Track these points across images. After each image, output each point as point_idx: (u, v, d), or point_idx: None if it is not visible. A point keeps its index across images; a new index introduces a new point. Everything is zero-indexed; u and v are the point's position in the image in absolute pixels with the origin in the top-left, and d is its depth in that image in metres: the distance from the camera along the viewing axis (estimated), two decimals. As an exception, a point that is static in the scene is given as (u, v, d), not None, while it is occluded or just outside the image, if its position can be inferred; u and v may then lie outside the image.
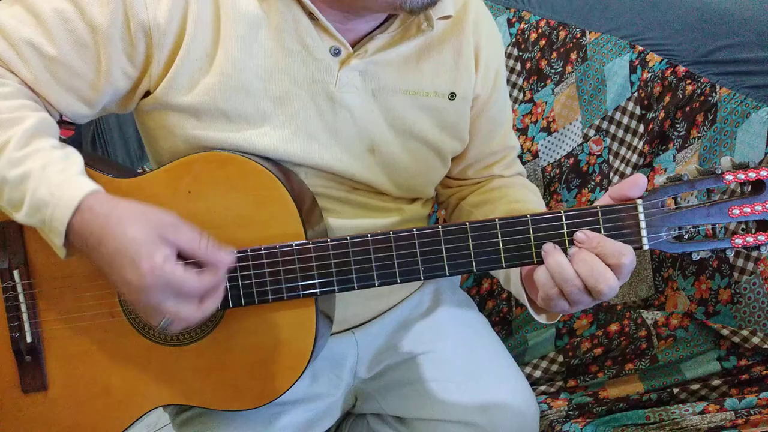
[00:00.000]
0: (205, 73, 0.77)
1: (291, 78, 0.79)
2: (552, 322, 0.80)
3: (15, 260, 0.78)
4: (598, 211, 0.70)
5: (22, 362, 0.79)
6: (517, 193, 0.95)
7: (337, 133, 0.83)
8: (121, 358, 0.79)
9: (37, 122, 0.71)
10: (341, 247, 0.74)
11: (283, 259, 0.74)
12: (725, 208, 0.69)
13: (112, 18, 0.73)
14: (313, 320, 0.76)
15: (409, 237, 0.73)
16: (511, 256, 0.72)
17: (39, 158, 0.69)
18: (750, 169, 0.67)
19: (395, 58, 0.83)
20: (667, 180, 0.69)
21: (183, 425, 0.88)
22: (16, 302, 0.78)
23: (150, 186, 0.77)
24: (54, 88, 0.75)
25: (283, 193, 0.75)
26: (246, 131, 0.79)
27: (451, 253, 0.73)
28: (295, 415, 0.89)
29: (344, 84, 0.81)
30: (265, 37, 0.78)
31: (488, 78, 0.92)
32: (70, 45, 0.73)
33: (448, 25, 0.86)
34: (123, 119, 1.97)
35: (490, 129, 0.96)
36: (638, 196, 0.69)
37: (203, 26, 0.76)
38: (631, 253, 0.68)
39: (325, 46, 0.79)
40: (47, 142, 0.71)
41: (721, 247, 0.70)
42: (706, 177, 0.68)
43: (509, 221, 0.71)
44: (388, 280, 0.74)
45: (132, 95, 0.80)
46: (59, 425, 0.80)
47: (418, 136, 0.88)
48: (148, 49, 0.75)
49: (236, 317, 0.78)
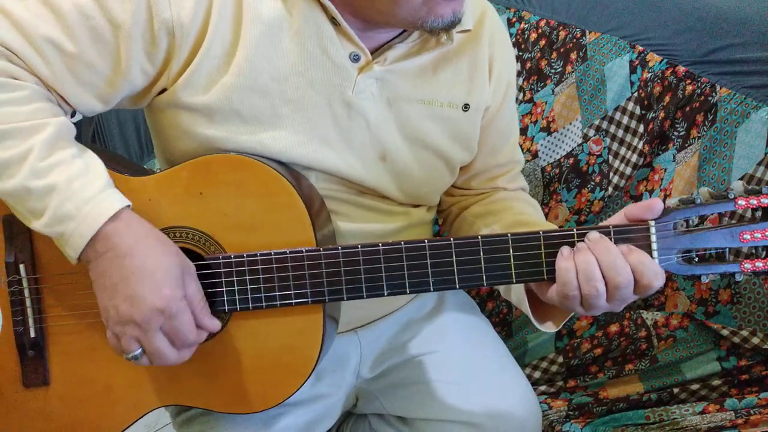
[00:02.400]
0: (223, 72, 0.77)
1: (308, 81, 0.79)
2: (555, 330, 0.80)
3: (21, 255, 0.77)
4: (611, 231, 0.70)
5: (24, 357, 0.78)
6: (521, 207, 0.95)
7: (350, 138, 0.83)
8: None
9: (57, 130, 0.71)
10: (352, 255, 0.74)
11: (293, 264, 0.74)
12: (737, 233, 0.69)
13: (135, 16, 0.72)
14: (320, 326, 0.76)
15: (421, 248, 0.73)
16: (522, 273, 0.72)
17: (62, 170, 0.69)
18: (762, 195, 0.68)
19: (413, 68, 0.83)
20: (680, 202, 0.70)
21: (184, 425, 0.88)
22: (21, 297, 0.78)
23: (161, 185, 0.77)
24: (71, 85, 0.74)
25: (296, 199, 0.75)
26: (259, 133, 0.79)
27: (462, 267, 0.73)
28: (296, 416, 0.89)
29: (361, 90, 0.81)
30: (286, 40, 0.77)
31: (499, 90, 0.92)
32: (91, 42, 0.72)
33: (465, 37, 0.86)
34: (123, 118, 1.97)
35: (497, 141, 0.96)
36: (652, 218, 0.70)
37: (224, 26, 0.76)
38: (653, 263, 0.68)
39: (345, 51, 0.79)
40: (68, 151, 0.71)
41: (730, 271, 0.70)
42: (719, 201, 0.69)
43: (522, 236, 0.71)
44: (398, 291, 0.74)
45: (147, 92, 0.79)
46: (59, 421, 0.80)
47: (430, 146, 0.88)
48: (170, 47, 0.75)
49: (243, 320, 0.77)
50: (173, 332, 0.70)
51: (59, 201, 0.68)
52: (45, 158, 0.69)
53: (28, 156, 0.68)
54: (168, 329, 0.70)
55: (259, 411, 0.79)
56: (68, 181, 0.68)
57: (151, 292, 0.68)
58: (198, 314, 0.72)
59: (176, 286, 0.69)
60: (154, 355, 0.70)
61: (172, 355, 0.71)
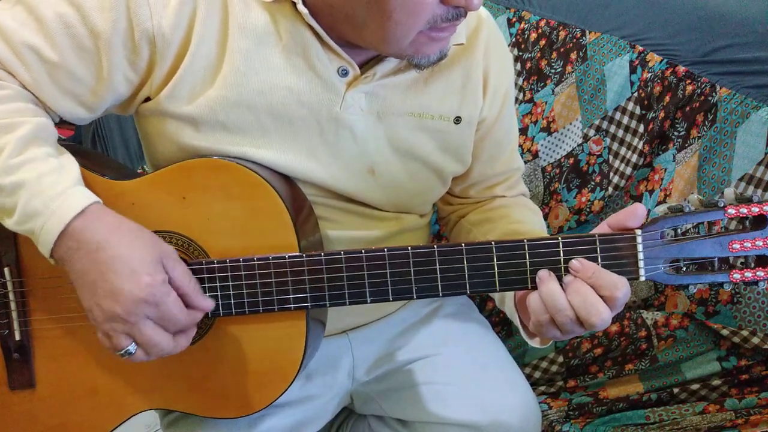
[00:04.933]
0: (207, 85, 0.76)
1: (295, 96, 0.78)
2: (544, 346, 0.79)
3: (6, 258, 0.78)
4: (596, 240, 0.69)
5: (10, 360, 0.79)
6: (518, 213, 0.94)
7: (337, 152, 0.82)
8: (110, 360, 0.79)
9: (34, 129, 0.70)
10: (334, 262, 0.73)
11: (276, 270, 0.73)
12: (725, 242, 0.68)
13: (115, 25, 0.72)
14: (303, 332, 0.76)
15: (404, 255, 0.72)
16: (505, 280, 0.71)
17: (34, 167, 0.68)
18: (753, 204, 0.67)
19: (403, 81, 0.82)
20: (668, 210, 0.69)
21: (170, 425, 0.88)
22: (6, 300, 0.78)
23: (145, 189, 0.76)
24: (54, 93, 0.75)
25: (279, 204, 0.74)
26: (244, 146, 0.78)
27: (445, 274, 0.72)
28: (283, 417, 0.89)
29: (350, 105, 0.80)
30: (272, 54, 0.76)
31: (496, 102, 0.91)
32: (72, 50, 0.73)
33: (458, 49, 0.85)
34: (123, 120, 1.97)
35: (494, 152, 0.95)
36: (637, 226, 0.69)
37: (209, 38, 0.75)
38: (625, 286, 0.67)
39: (333, 66, 0.78)
40: (42, 149, 0.70)
41: (718, 281, 0.69)
42: (708, 210, 0.68)
43: (506, 245, 0.70)
44: (381, 298, 0.73)
45: (132, 100, 0.79)
46: (45, 424, 0.80)
47: (420, 158, 0.87)
48: (152, 56, 0.74)
49: (226, 326, 0.77)
50: (162, 319, 0.68)
51: (27, 197, 0.67)
52: (17, 156, 0.68)
53: (2, 153, 0.68)
54: (156, 317, 0.68)
55: (241, 416, 0.79)
56: (38, 178, 0.68)
57: (130, 283, 0.66)
58: (191, 295, 0.70)
59: (155, 271, 0.67)
60: (148, 346, 0.69)
61: (166, 343, 0.69)
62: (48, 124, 0.74)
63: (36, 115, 0.73)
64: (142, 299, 0.66)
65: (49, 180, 0.68)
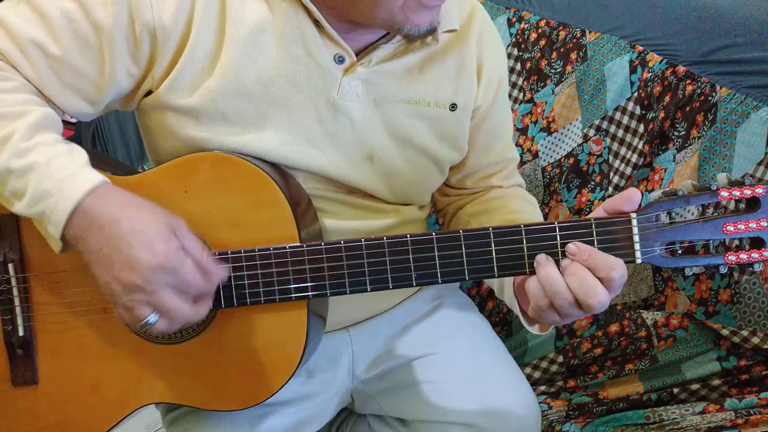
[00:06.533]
0: (207, 75, 0.77)
1: (293, 83, 0.79)
2: (544, 333, 0.79)
3: (10, 254, 0.78)
4: (592, 224, 0.70)
5: (13, 355, 0.79)
6: (515, 204, 0.95)
7: (336, 139, 0.83)
8: (112, 354, 0.79)
9: (42, 116, 0.72)
10: (335, 251, 0.74)
11: (276, 261, 0.74)
12: (719, 225, 0.69)
13: (117, 19, 0.73)
14: (304, 323, 0.76)
15: (403, 243, 0.73)
16: (503, 266, 0.72)
17: (44, 151, 0.69)
18: (745, 186, 0.68)
19: (399, 68, 0.84)
20: (662, 194, 0.70)
21: (172, 423, 0.89)
22: (10, 295, 0.78)
23: (147, 184, 0.77)
24: (58, 88, 0.76)
25: (280, 196, 0.75)
26: (245, 134, 0.79)
27: (444, 261, 0.73)
28: (285, 415, 0.89)
29: (346, 92, 0.81)
30: (270, 42, 0.78)
31: (490, 90, 0.92)
32: (75, 45, 0.74)
33: (452, 36, 0.86)
34: (123, 119, 1.97)
35: (488, 141, 0.96)
36: (632, 210, 0.70)
37: (208, 28, 0.76)
38: (621, 267, 0.68)
39: (329, 53, 0.79)
40: (52, 135, 0.71)
41: (714, 263, 0.70)
42: (702, 193, 0.69)
43: (503, 230, 0.71)
44: (381, 286, 0.74)
45: (134, 94, 0.80)
46: (48, 419, 0.80)
47: (417, 145, 0.88)
48: (153, 49, 0.76)
49: (227, 318, 0.78)
50: (181, 285, 0.68)
51: (38, 179, 0.68)
52: (27, 140, 0.69)
53: (11, 137, 0.69)
54: (174, 283, 0.68)
55: (245, 408, 0.79)
56: (48, 161, 0.68)
57: (146, 252, 0.66)
58: (204, 263, 0.70)
59: (169, 239, 0.68)
60: (170, 314, 0.68)
61: (187, 309, 0.69)
62: (54, 114, 0.75)
63: (43, 106, 0.74)
64: (160, 266, 0.66)
65: (59, 162, 0.69)
